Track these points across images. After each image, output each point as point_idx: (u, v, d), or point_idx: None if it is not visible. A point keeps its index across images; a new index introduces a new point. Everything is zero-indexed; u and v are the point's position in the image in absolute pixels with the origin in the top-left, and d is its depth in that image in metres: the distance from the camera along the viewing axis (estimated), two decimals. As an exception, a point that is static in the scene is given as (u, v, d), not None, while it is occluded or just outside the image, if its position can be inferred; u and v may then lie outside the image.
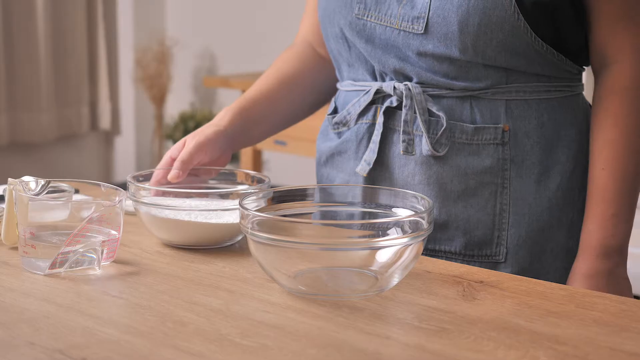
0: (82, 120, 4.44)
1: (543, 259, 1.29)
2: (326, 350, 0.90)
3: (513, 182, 1.28)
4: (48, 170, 4.31)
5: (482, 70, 1.26)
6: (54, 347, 0.90)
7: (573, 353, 0.90)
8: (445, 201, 1.29)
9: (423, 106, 1.28)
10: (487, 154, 1.28)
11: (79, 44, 4.36)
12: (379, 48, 1.29)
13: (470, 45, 1.23)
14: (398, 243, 1.02)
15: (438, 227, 1.30)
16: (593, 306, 1.03)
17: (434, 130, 1.28)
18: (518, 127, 1.28)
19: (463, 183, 1.28)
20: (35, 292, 1.06)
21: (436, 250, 1.32)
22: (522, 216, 1.28)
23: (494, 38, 1.23)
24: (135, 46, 4.47)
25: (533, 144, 1.28)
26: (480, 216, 1.29)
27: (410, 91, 1.28)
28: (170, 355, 0.88)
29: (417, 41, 1.26)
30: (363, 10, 1.30)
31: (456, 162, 1.28)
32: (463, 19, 1.22)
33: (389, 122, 1.31)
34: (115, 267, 1.15)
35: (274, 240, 1.02)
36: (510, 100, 1.28)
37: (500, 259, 1.29)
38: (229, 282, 1.10)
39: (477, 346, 0.91)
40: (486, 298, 1.05)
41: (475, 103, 1.28)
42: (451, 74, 1.27)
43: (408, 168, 1.30)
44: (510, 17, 1.22)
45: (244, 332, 0.94)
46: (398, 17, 1.27)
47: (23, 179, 1.17)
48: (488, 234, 1.29)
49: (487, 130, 1.27)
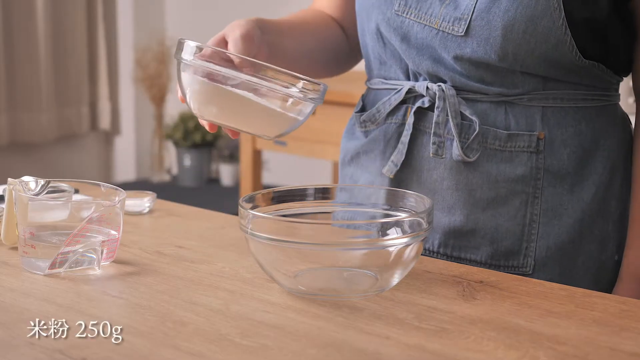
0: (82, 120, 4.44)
1: (574, 272, 1.25)
2: (326, 350, 0.90)
3: (545, 191, 1.24)
4: (48, 170, 4.31)
5: (518, 76, 1.22)
6: (54, 347, 0.90)
7: (573, 353, 0.90)
8: (473, 208, 1.25)
9: (456, 109, 1.24)
10: (520, 162, 1.24)
11: (79, 44, 4.36)
12: (414, 48, 1.26)
13: (511, 53, 1.19)
14: (398, 243, 1.02)
15: (464, 235, 1.26)
16: (593, 306, 1.03)
17: (465, 134, 1.24)
18: (554, 135, 1.23)
19: (493, 190, 1.24)
20: (35, 292, 1.06)
21: (461, 258, 1.27)
22: (552, 227, 1.24)
23: (536, 49, 1.19)
24: (135, 46, 4.47)
25: (570, 152, 1.24)
26: (509, 226, 1.25)
27: (444, 92, 1.24)
28: (170, 355, 0.88)
29: (455, 43, 1.22)
30: (403, 6, 1.26)
31: (487, 169, 1.24)
32: (508, 25, 1.18)
33: (419, 124, 1.28)
34: (115, 267, 1.15)
35: (274, 240, 1.02)
36: (547, 107, 1.23)
37: (528, 271, 1.25)
38: (229, 282, 1.10)
39: (477, 346, 0.91)
40: (486, 298, 1.05)
41: (510, 109, 1.24)
42: (486, 79, 1.23)
43: (437, 172, 1.26)
44: (557, 30, 1.18)
45: (244, 332, 0.94)
46: (439, 16, 1.23)
47: (23, 179, 1.17)
48: (516, 244, 1.25)
49: (522, 137, 1.23)
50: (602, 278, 1.26)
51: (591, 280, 1.26)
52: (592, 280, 1.26)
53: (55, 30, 4.26)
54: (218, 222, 1.38)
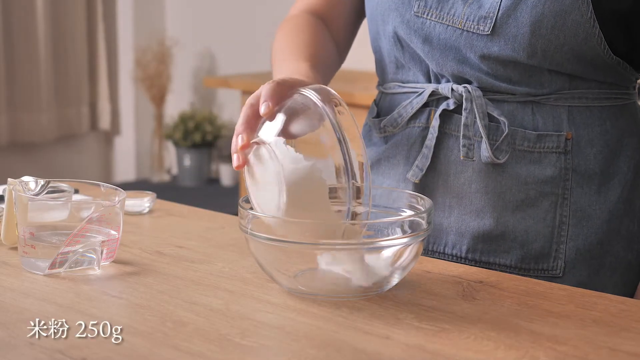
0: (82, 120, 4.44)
1: (601, 273, 1.24)
2: (326, 350, 0.90)
3: (574, 192, 1.22)
4: (48, 170, 4.31)
5: (546, 75, 1.21)
6: (54, 347, 0.90)
7: (573, 353, 0.90)
8: (503, 211, 1.23)
9: (483, 110, 1.22)
10: (549, 163, 1.22)
11: (79, 44, 4.36)
12: (437, 49, 1.23)
13: (540, 50, 1.18)
14: (398, 243, 1.02)
15: (494, 239, 1.24)
16: (593, 306, 1.03)
17: (493, 136, 1.22)
18: (581, 135, 1.22)
19: (523, 193, 1.22)
20: (35, 292, 1.06)
21: (490, 262, 1.25)
22: (582, 228, 1.23)
23: (565, 44, 1.17)
24: (135, 46, 4.47)
25: (596, 152, 1.23)
26: (539, 228, 1.23)
27: (471, 93, 1.22)
28: (170, 355, 0.88)
29: (481, 42, 1.20)
30: (423, 7, 1.23)
31: (516, 171, 1.23)
32: (536, 21, 1.16)
33: (444, 126, 1.25)
34: (115, 267, 1.15)
35: (274, 240, 1.02)
36: (573, 106, 1.22)
37: (558, 274, 1.23)
38: (229, 282, 1.10)
39: (477, 346, 0.91)
40: (486, 298, 1.05)
41: (537, 109, 1.22)
42: (513, 78, 1.21)
43: (465, 175, 1.24)
44: (586, 23, 1.16)
45: (244, 332, 0.94)
46: (462, 16, 1.20)
47: (23, 179, 1.17)
48: (546, 247, 1.23)
49: (550, 137, 1.22)
50: (630, 278, 1.25)
51: (619, 281, 1.24)
52: (620, 281, 1.25)
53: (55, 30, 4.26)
54: (218, 222, 1.38)
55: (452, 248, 1.27)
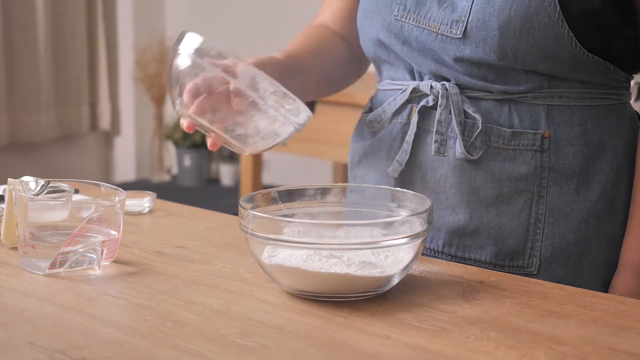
0: (82, 120, 4.44)
1: (580, 273, 1.24)
2: (326, 350, 0.90)
3: (550, 190, 1.23)
4: (48, 170, 4.31)
5: (522, 74, 1.22)
6: (53, 347, 0.90)
7: (573, 353, 0.90)
8: (477, 207, 1.25)
9: (459, 107, 1.24)
10: (524, 161, 1.23)
11: (79, 44, 4.36)
12: (415, 51, 1.26)
13: (510, 52, 1.19)
14: (398, 243, 1.02)
15: (468, 234, 1.26)
16: (593, 306, 1.03)
17: (469, 132, 1.24)
18: (560, 134, 1.23)
19: (497, 189, 1.24)
20: (35, 292, 1.06)
21: (465, 258, 1.27)
22: (558, 227, 1.23)
23: (535, 45, 1.18)
24: (135, 46, 4.47)
25: (575, 151, 1.23)
26: (513, 225, 1.24)
27: (447, 91, 1.24)
28: (170, 355, 0.88)
29: (454, 46, 1.22)
30: (402, 11, 1.26)
31: (491, 167, 1.24)
32: (504, 24, 1.18)
33: (423, 123, 1.27)
34: (115, 267, 1.15)
35: (274, 240, 1.02)
36: (553, 105, 1.23)
37: (533, 271, 1.24)
38: (229, 282, 1.10)
39: (477, 346, 0.91)
40: (486, 298, 1.05)
41: (515, 107, 1.23)
42: (489, 77, 1.23)
43: (441, 171, 1.26)
44: (554, 24, 1.17)
45: (244, 332, 0.94)
46: (437, 20, 1.23)
47: (23, 179, 1.17)
48: (521, 244, 1.24)
49: (526, 135, 1.23)
50: (610, 280, 1.25)
51: (598, 282, 1.25)
52: (600, 282, 1.25)
53: (55, 30, 4.26)
54: (218, 222, 1.38)
55: (430, 242, 1.29)
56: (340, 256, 1.03)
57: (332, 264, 1.02)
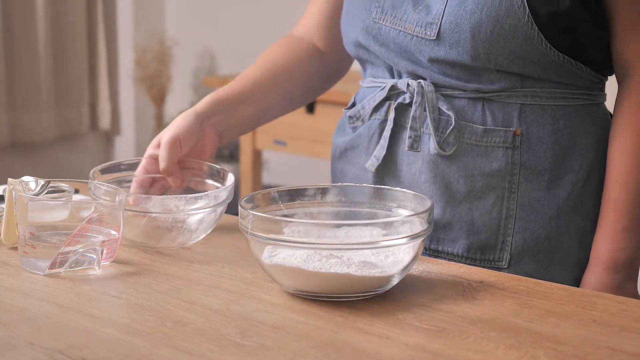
0: (82, 120, 4.44)
1: (551, 269, 1.27)
2: (326, 350, 0.90)
3: (521, 187, 1.26)
4: (48, 170, 4.31)
5: (495, 74, 1.25)
6: (53, 347, 0.90)
7: (573, 353, 0.90)
8: (450, 201, 1.28)
9: (433, 104, 1.27)
10: (496, 157, 1.26)
11: (79, 44, 4.36)
12: (392, 52, 1.29)
13: (482, 53, 1.23)
14: (398, 243, 1.02)
15: (441, 227, 1.29)
16: (593, 306, 1.03)
17: (443, 129, 1.27)
18: (532, 132, 1.26)
19: (469, 184, 1.27)
20: (35, 292, 1.06)
21: (438, 251, 1.30)
22: (529, 222, 1.26)
23: (506, 46, 1.22)
24: (135, 46, 4.47)
25: (546, 149, 1.26)
26: (485, 219, 1.27)
27: (423, 88, 1.27)
28: (170, 355, 0.88)
29: (428, 47, 1.25)
30: (380, 14, 1.30)
31: (463, 163, 1.27)
32: (475, 26, 1.22)
33: (400, 119, 1.31)
34: (115, 267, 1.15)
35: (274, 241, 1.02)
36: (525, 104, 1.26)
37: (503, 265, 1.27)
38: (229, 282, 1.10)
39: (477, 346, 0.91)
40: (486, 298, 1.05)
41: (488, 105, 1.26)
42: (463, 77, 1.26)
43: (415, 166, 1.29)
44: (524, 26, 1.21)
45: (244, 332, 0.94)
46: (412, 22, 1.27)
47: (23, 179, 1.17)
48: (492, 238, 1.27)
49: (497, 132, 1.26)
50: (581, 276, 1.27)
51: (569, 277, 1.27)
52: (571, 277, 1.27)
53: (55, 30, 4.26)
54: (218, 222, 1.38)
55: None
56: (340, 256, 1.03)
57: (332, 264, 1.02)
